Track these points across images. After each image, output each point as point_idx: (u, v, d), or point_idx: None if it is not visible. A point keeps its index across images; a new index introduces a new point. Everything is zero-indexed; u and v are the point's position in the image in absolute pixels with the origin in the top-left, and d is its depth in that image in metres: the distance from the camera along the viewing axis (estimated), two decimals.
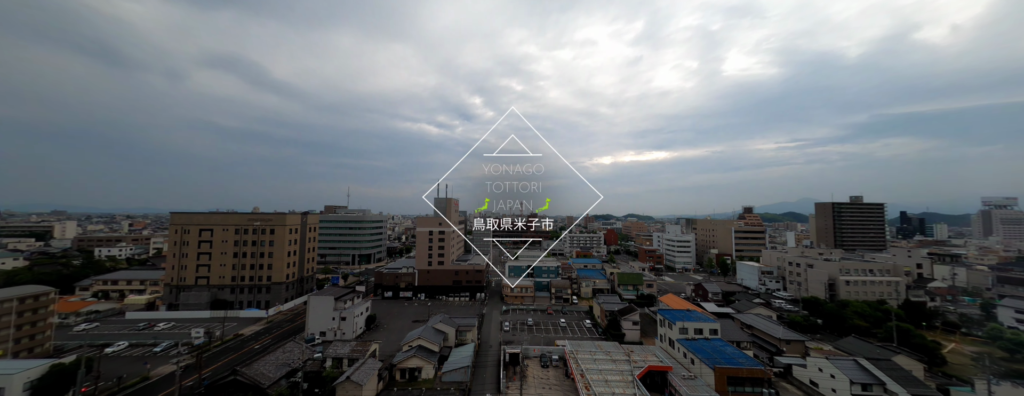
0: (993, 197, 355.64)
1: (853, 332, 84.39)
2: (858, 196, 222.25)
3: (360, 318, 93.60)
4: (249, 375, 57.79)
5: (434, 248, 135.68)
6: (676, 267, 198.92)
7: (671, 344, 75.43)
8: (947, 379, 67.65)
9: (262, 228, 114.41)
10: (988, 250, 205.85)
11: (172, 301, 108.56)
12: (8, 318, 71.52)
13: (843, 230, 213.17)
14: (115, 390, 61.65)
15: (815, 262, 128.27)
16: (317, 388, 61.09)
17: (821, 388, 61.18)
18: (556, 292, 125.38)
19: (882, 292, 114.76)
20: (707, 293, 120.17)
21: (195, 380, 62.47)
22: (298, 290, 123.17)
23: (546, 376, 67.75)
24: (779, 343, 78.42)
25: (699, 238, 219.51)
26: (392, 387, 64.80)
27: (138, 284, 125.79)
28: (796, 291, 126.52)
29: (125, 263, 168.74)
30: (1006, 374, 62.59)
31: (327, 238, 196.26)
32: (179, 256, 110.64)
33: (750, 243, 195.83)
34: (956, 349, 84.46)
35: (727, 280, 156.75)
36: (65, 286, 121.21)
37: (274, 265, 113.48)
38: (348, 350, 70.30)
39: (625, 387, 58.19)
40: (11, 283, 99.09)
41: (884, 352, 67.69)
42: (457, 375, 66.25)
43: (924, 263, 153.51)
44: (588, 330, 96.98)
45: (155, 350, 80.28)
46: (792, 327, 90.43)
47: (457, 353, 75.10)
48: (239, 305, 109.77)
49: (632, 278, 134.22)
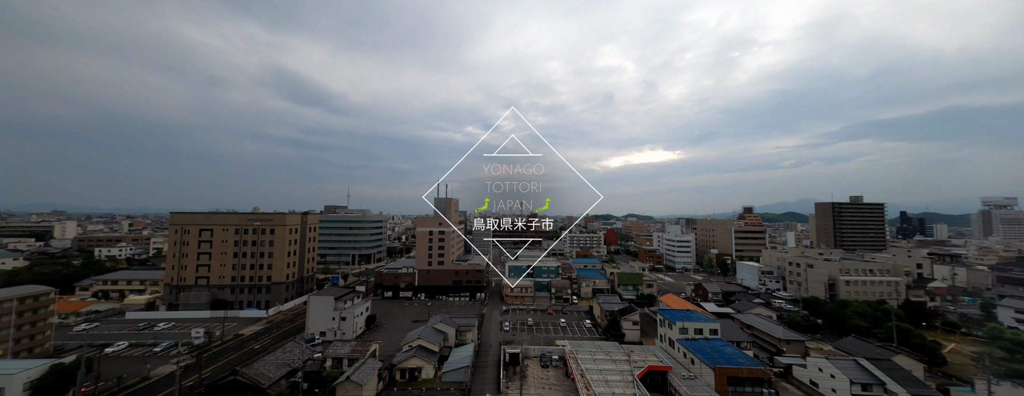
0: (993, 197, 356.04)
1: (853, 332, 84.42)
2: (858, 196, 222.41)
3: (360, 318, 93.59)
4: (249, 375, 57.81)
5: (434, 248, 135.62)
6: (676, 267, 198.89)
7: (671, 344, 75.43)
8: (947, 379, 67.65)
9: (262, 228, 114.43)
10: (988, 250, 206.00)
11: (172, 301, 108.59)
12: (8, 318, 71.54)
13: (843, 230, 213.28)
14: (115, 390, 61.62)
15: (815, 262, 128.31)
16: (317, 388, 61.12)
17: (821, 388, 61.17)
18: (556, 292, 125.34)
19: (882, 292, 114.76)
20: (707, 293, 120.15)
21: (195, 380, 62.48)
22: (298, 290, 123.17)
23: (546, 376, 67.72)
24: (779, 343, 78.42)
25: (699, 238, 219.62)
26: (392, 387, 64.78)
27: (138, 284, 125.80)
28: (796, 291, 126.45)
29: (125, 263, 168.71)
30: (1006, 374, 62.55)
31: (327, 238, 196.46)
32: (179, 256, 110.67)
33: (750, 243, 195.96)
34: (956, 349, 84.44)
35: (727, 280, 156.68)
36: (65, 286, 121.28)
37: (274, 265, 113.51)
38: (348, 350, 70.29)
39: (625, 387, 58.14)
40: (11, 283, 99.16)
41: (884, 352, 67.69)
42: (457, 375, 66.25)
43: (924, 263, 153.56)
44: (588, 330, 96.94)
45: (155, 350, 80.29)
46: (792, 327, 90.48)
47: (457, 353, 75.09)
48: (239, 305, 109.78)
49: (632, 278, 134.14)
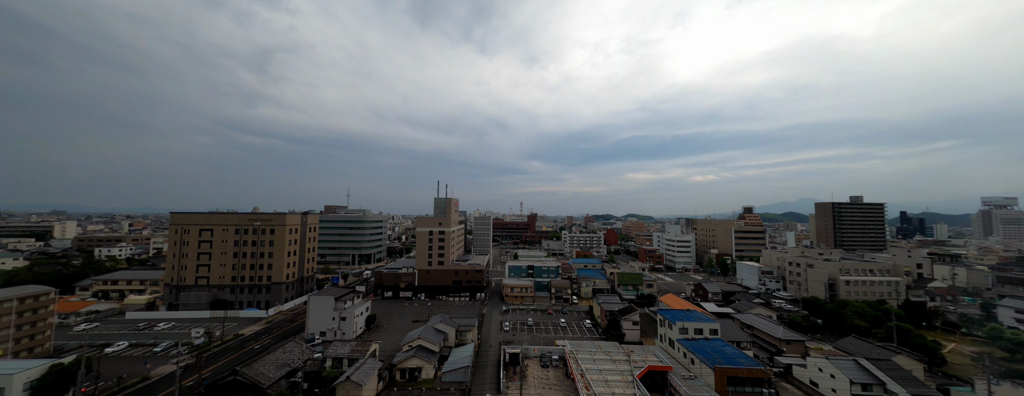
0: (993, 197, 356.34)
1: (853, 332, 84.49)
2: (858, 196, 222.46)
3: (360, 318, 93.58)
4: (249, 375, 57.79)
5: (434, 248, 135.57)
6: (676, 267, 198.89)
7: (671, 344, 75.43)
8: (947, 379, 67.62)
9: (262, 228, 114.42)
10: (988, 250, 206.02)
11: (172, 301, 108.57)
12: (8, 318, 71.57)
13: (843, 230, 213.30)
14: (115, 390, 61.62)
15: (815, 262, 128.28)
16: (317, 388, 61.10)
17: (821, 388, 61.18)
18: (556, 292, 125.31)
19: (882, 292, 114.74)
20: (707, 293, 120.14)
21: (195, 380, 62.51)
22: (298, 290, 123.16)
23: (546, 376, 67.72)
24: (779, 343, 78.41)
25: (699, 238, 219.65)
26: (392, 387, 64.79)
27: (138, 284, 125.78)
28: (796, 291, 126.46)
29: (125, 263, 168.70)
30: (1006, 374, 62.56)
31: (327, 238, 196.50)
32: (179, 256, 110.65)
33: (750, 243, 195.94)
34: (956, 349, 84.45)
35: (727, 280, 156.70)
36: (65, 286, 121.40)
37: (274, 265, 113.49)
38: (348, 350, 70.32)
39: (625, 387, 58.16)
40: (11, 283, 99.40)
41: (884, 352, 67.74)
42: (457, 375, 66.25)
43: (924, 263, 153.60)
44: (588, 330, 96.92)
45: (155, 350, 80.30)
46: (792, 327, 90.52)
47: (457, 353, 75.09)
48: (239, 305, 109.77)
49: (632, 278, 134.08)
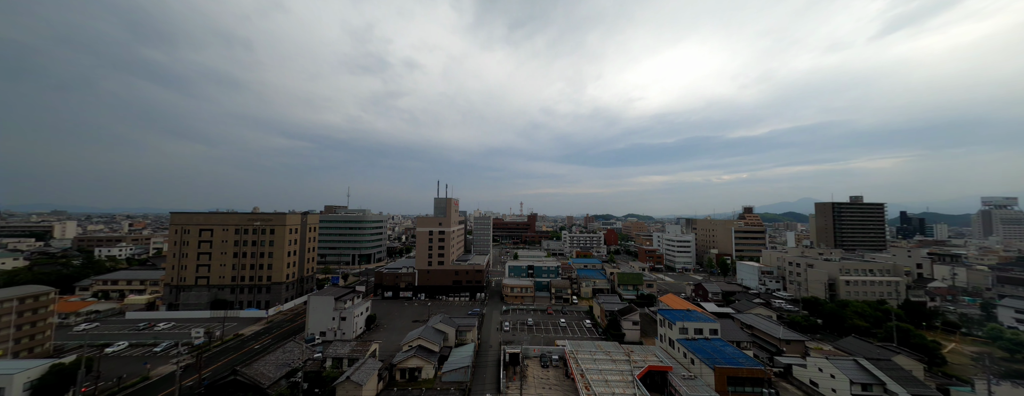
0: (993, 197, 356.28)
1: (853, 332, 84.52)
2: (858, 196, 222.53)
3: (360, 318, 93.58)
4: (249, 375, 57.80)
5: (434, 248, 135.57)
6: (676, 267, 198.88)
7: (671, 344, 75.43)
8: (947, 379, 67.58)
9: (262, 228, 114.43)
10: (988, 250, 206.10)
11: (172, 301, 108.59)
12: (8, 318, 71.61)
13: (843, 230, 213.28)
14: (115, 390, 61.62)
15: (815, 262, 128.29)
16: (317, 388, 61.11)
17: (821, 388, 61.19)
18: (556, 292, 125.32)
19: (882, 292, 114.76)
20: (707, 293, 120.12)
21: (195, 380, 62.51)
22: (298, 290, 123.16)
23: (546, 376, 67.73)
24: (779, 343, 78.40)
25: (699, 238, 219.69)
26: (392, 387, 64.79)
27: (138, 284, 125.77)
28: (796, 291, 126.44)
29: (125, 263, 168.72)
30: (1006, 374, 62.64)
31: (327, 238, 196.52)
32: (179, 256, 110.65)
33: (750, 243, 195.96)
34: (956, 349, 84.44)
35: (727, 280, 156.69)
36: (65, 286, 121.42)
37: (274, 265, 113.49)
38: (348, 350, 70.36)
39: (625, 387, 58.16)
40: (11, 283, 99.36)
41: (884, 352, 67.73)
42: (457, 375, 66.25)
43: (924, 263, 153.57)
44: (588, 330, 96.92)
45: (155, 350, 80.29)
46: (792, 327, 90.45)
47: (457, 353, 75.09)
48: (239, 305, 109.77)
49: (632, 278, 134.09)
